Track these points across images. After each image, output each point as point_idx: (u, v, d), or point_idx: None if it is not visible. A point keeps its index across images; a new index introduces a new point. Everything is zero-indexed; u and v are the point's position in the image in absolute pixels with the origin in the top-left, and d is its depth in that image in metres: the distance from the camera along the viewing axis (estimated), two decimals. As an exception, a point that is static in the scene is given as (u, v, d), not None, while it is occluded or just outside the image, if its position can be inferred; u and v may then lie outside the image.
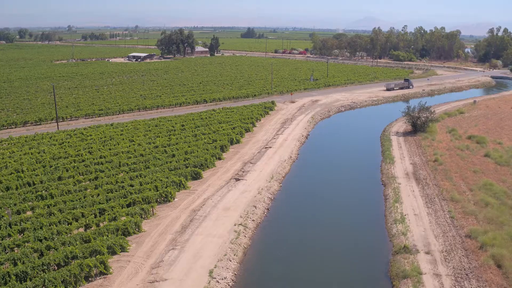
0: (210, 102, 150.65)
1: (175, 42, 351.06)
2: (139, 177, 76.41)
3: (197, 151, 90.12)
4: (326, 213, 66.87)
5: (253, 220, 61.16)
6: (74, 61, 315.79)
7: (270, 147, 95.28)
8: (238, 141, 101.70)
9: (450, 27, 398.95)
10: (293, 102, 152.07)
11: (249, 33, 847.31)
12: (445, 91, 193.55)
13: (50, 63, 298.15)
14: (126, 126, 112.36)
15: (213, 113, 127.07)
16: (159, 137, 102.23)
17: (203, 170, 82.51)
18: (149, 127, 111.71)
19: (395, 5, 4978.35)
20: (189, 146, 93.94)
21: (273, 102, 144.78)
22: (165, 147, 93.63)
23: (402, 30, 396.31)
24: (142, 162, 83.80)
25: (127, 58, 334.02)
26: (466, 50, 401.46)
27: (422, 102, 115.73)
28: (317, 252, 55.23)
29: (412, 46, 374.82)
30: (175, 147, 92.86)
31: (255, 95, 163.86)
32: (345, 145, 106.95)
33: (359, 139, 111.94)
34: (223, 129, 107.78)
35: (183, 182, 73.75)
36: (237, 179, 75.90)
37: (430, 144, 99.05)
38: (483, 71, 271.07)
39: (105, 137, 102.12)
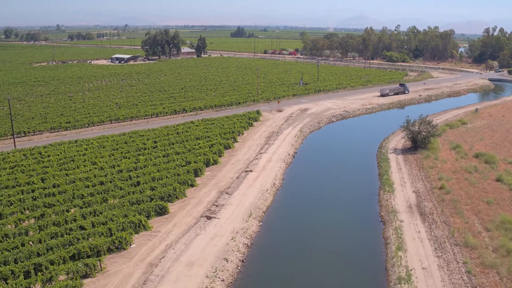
0: (190, 111, 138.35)
1: (160, 43, 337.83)
2: (92, 214, 64.26)
3: (167, 177, 78.10)
4: (314, 265, 54.52)
5: (223, 280, 48.96)
6: (54, 63, 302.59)
7: (251, 171, 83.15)
8: (215, 162, 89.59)
9: (441, 26, 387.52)
10: (280, 111, 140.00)
11: (238, 32, 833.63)
12: (443, 96, 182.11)
13: (29, 65, 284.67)
14: (92, 143, 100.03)
15: (191, 126, 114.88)
16: (126, 157, 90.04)
17: (171, 202, 70.67)
18: (117, 144, 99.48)
19: (384, 3, 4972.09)
20: (158, 170, 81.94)
21: (258, 112, 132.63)
22: (130, 171, 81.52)
23: (395, 29, 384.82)
24: (100, 193, 71.72)
25: (110, 60, 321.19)
26: (459, 49, 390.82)
27: (422, 115, 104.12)
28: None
29: (405, 46, 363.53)
30: (142, 171, 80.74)
31: (239, 102, 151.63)
32: (337, 166, 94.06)
33: (353, 158, 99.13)
34: (200, 147, 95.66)
35: (143, 222, 61.60)
36: (209, 217, 63.78)
37: (433, 164, 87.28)
38: (480, 73, 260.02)
39: (65, 157, 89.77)
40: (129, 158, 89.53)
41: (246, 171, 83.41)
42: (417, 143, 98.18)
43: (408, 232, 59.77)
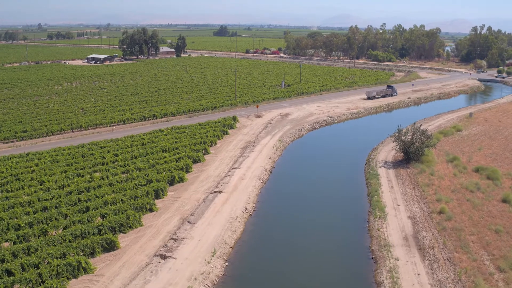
0: (161, 117, 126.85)
1: (138, 43, 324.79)
2: (25, 252, 52.89)
3: (122, 201, 66.95)
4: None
5: None
6: (27, 64, 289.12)
7: (221, 192, 71.90)
8: (181, 179, 78.43)
9: (425, 25, 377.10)
10: (259, 116, 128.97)
11: (221, 31, 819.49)
12: (433, 99, 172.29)
13: (0, 66, 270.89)
14: (44, 156, 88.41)
15: (158, 135, 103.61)
16: (79, 175, 78.61)
17: (124, 232, 59.59)
18: (73, 158, 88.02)
19: (367, 2, 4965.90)
20: (113, 191, 70.73)
21: (234, 118, 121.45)
22: (81, 192, 70.27)
23: (381, 28, 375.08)
24: (41, 222, 60.35)
25: (86, 60, 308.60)
26: (445, 48, 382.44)
27: (415, 124, 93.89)
28: None
29: (391, 45, 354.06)
30: (94, 193, 69.41)
31: (215, 107, 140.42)
32: (319, 184, 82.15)
33: (338, 174, 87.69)
34: (165, 162, 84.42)
35: (83, 264, 50.29)
36: (163, 257, 52.50)
37: (429, 181, 76.74)
38: (470, 74, 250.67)
39: (10, 175, 78.03)
40: (82, 176, 78.37)
41: (215, 191, 72.19)
42: (410, 155, 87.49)
43: (406, 275, 48.97)
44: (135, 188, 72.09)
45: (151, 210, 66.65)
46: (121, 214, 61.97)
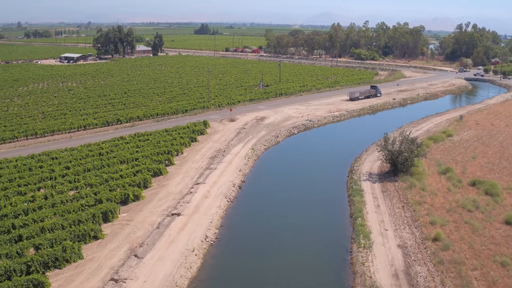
0: (126, 122, 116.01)
1: (113, 41, 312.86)
2: None
3: (63, 226, 56.60)
4: None
5: None
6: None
7: (179, 214, 61.49)
8: (137, 197, 68.10)
9: (408, 23, 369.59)
10: (232, 120, 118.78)
11: (202, 30, 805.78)
12: (419, 99, 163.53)
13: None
14: (-13, 170, 77.62)
15: (119, 144, 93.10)
16: (20, 193, 67.96)
17: (60, 268, 49.60)
18: (18, 171, 77.31)
19: (350, 0, 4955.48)
20: (55, 214, 60.30)
21: (205, 123, 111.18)
22: (17, 216, 59.70)
23: (364, 26, 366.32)
24: (-44, 257, 49.76)
25: (59, 60, 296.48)
26: (429, 46, 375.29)
27: (403, 131, 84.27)
28: None
29: (374, 43, 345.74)
30: (32, 216, 58.92)
31: (186, 110, 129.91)
32: (295, 203, 71.14)
33: (316, 189, 77.33)
34: (121, 176, 74.01)
35: (-6, 319, 39.98)
36: (97, 306, 42.32)
37: (421, 198, 67.14)
38: (456, 73, 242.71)
39: None
40: (24, 194, 67.69)
41: (173, 214, 61.82)
42: (398, 166, 77.64)
43: (398, 330, 39.23)
44: (81, 210, 61.81)
45: (96, 238, 56.38)
46: (56, 246, 51.62)
